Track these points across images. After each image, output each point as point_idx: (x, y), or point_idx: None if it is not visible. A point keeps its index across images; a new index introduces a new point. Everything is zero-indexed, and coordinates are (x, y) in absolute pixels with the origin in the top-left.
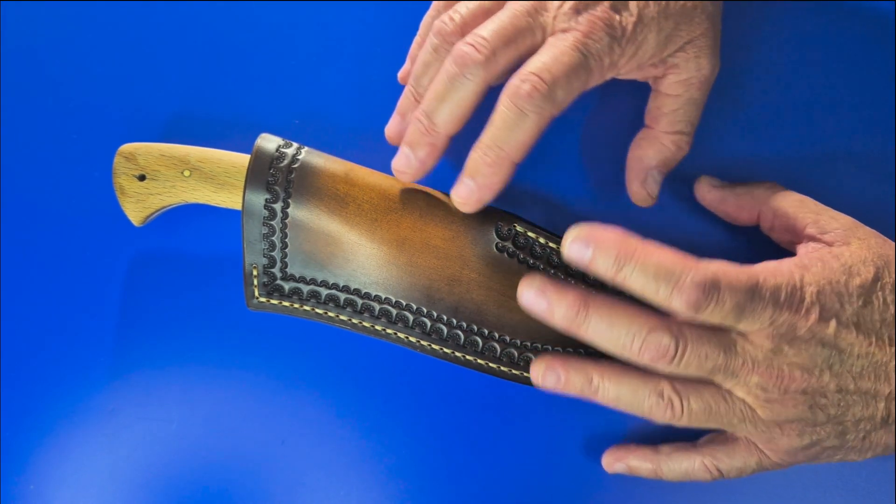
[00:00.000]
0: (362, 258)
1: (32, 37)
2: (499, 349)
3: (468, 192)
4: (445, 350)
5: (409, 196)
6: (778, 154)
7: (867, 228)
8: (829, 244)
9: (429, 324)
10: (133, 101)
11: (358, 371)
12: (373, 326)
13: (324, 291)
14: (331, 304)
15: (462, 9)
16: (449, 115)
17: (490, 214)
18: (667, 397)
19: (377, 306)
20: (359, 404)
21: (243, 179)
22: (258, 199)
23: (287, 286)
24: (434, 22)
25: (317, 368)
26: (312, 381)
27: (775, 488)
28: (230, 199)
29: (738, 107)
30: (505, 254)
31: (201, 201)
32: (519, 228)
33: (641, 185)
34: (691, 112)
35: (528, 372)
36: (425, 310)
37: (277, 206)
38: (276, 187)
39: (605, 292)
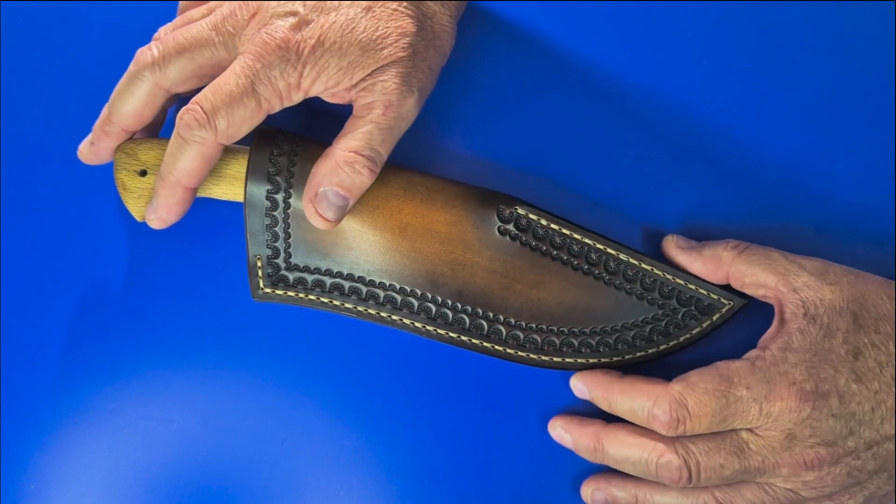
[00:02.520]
0: (365, 245)
1: (32, 35)
2: (504, 332)
3: (151, 211)
4: (451, 334)
5: (410, 182)
6: (778, 154)
7: (838, 268)
8: (801, 300)
9: (434, 309)
10: None
11: (357, 371)
12: (378, 313)
13: (328, 280)
14: (336, 293)
15: (174, 24)
16: (124, 109)
17: (491, 198)
18: None
19: (382, 293)
20: (358, 404)
21: (244, 171)
22: (260, 190)
23: (291, 276)
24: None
25: (317, 369)
26: (312, 381)
27: None
28: (231, 192)
29: (736, 104)
30: (507, 237)
31: (202, 195)
32: (520, 211)
33: (310, 201)
34: (373, 135)
35: (533, 353)
36: (430, 295)
37: (279, 197)
38: (278, 178)
39: (620, 422)
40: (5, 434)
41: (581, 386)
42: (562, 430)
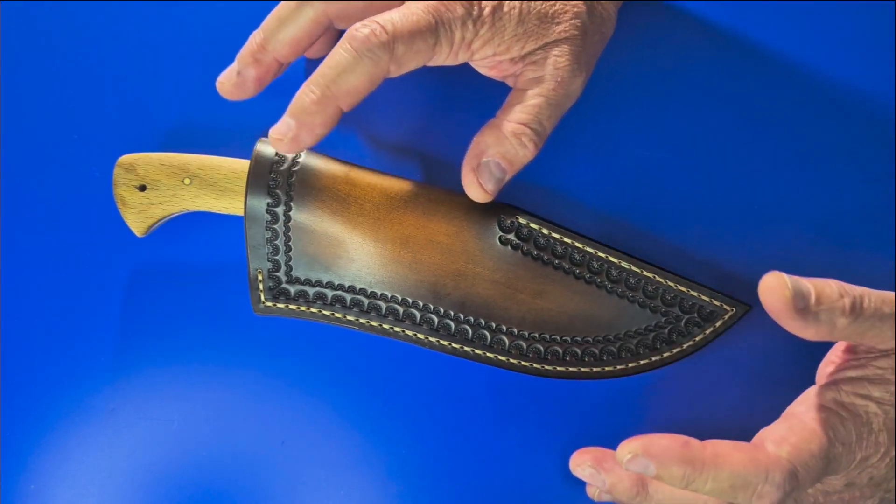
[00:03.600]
0: (367, 258)
1: (28, 50)
2: (507, 342)
3: (286, 129)
4: (454, 345)
5: (411, 194)
6: (778, 154)
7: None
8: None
9: (436, 320)
10: (131, 112)
11: (357, 371)
12: (380, 325)
13: (330, 293)
14: (337, 305)
15: None
16: (283, 36)
17: (492, 208)
18: None
19: (384, 305)
20: (358, 405)
21: (244, 185)
22: (260, 203)
23: (293, 289)
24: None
25: (316, 369)
26: (312, 381)
27: None
28: (232, 206)
29: (736, 104)
30: (509, 246)
31: (203, 209)
32: (522, 221)
33: (472, 171)
34: (542, 109)
35: (536, 363)
36: (432, 306)
37: (280, 210)
38: (278, 191)
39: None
40: (5, 434)
41: (644, 460)
42: (591, 470)
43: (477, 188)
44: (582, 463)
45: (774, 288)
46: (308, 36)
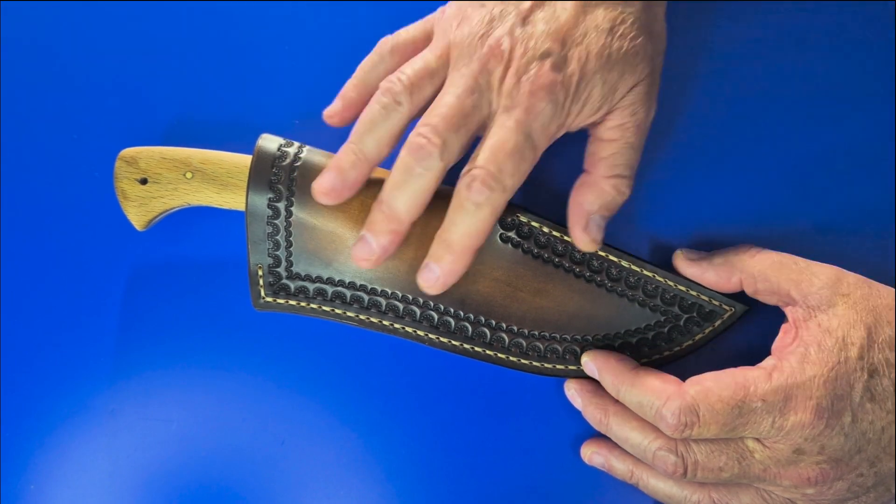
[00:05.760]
0: None
1: (30, 45)
2: (507, 339)
3: (431, 275)
4: (454, 343)
5: None
6: (778, 155)
7: (851, 277)
8: (814, 308)
9: (436, 317)
10: (133, 105)
11: (356, 372)
12: (380, 322)
13: (330, 289)
14: (337, 301)
15: (408, 70)
16: (408, 204)
17: None
18: None
19: (384, 301)
20: (357, 405)
21: (246, 180)
22: (261, 198)
23: (293, 285)
24: (381, 82)
25: (315, 369)
26: (311, 381)
27: None
28: (233, 200)
29: (736, 105)
30: (509, 244)
31: (204, 203)
32: (522, 219)
33: (584, 231)
34: (629, 156)
35: (536, 361)
36: (432, 303)
37: (281, 205)
38: (280, 186)
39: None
40: (5, 434)
41: (592, 366)
42: (575, 393)
43: (590, 244)
44: (569, 386)
45: (676, 253)
46: (431, 194)
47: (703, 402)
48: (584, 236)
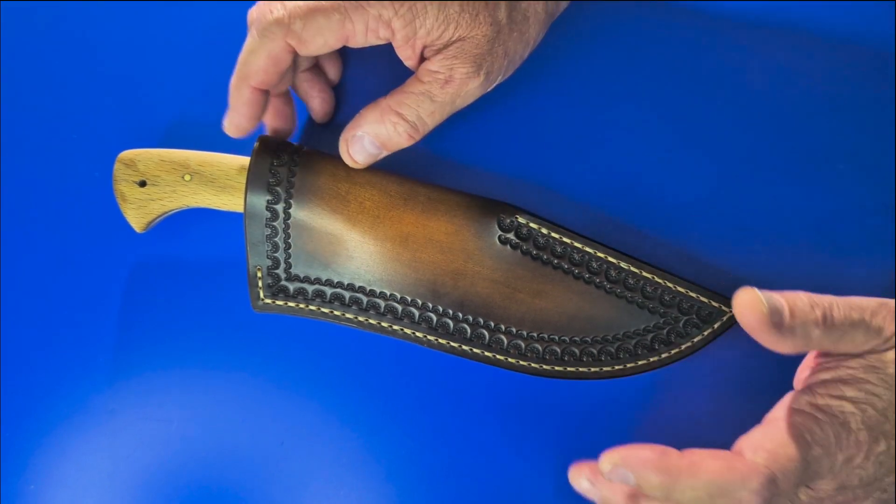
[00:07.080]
0: (366, 256)
1: (30, 45)
2: (506, 341)
3: (225, 118)
4: (452, 344)
5: (411, 192)
6: (777, 154)
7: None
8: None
9: (435, 319)
10: (132, 106)
11: (355, 373)
12: (379, 323)
13: (329, 290)
14: (336, 303)
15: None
16: (255, 67)
17: (492, 207)
18: None
19: (383, 303)
20: (357, 405)
21: (244, 181)
22: (260, 200)
23: (292, 286)
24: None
25: (315, 370)
26: (311, 382)
27: None
28: (232, 202)
29: (736, 105)
30: (508, 245)
31: (203, 205)
32: (521, 220)
33: (346, 142)
34: (424, 105)
35: (534, 363)
36: (431, 305)
37: (279, 207)
38: (278, 188)
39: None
40: (5, 434)
41: (623, 471)
42: (589, 485)
43: (346, 157)
44: (579, 475)
45: (750, 304)
46: (276, 61)
47: (778, 471)
48: (343, 146)
